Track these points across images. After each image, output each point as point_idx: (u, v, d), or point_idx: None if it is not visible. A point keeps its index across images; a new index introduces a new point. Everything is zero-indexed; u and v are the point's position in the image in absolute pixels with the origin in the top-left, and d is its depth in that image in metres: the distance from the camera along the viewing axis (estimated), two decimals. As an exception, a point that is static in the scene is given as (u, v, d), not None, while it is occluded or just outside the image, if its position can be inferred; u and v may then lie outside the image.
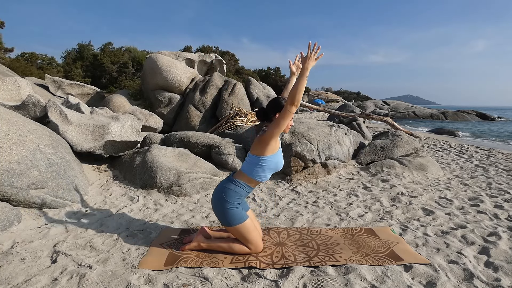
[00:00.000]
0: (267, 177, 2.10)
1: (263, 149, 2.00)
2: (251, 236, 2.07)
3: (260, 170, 2.04)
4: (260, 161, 2.02)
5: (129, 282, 1.75)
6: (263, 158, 2.01)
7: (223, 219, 2.07)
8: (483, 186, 4.03)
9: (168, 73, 9.25)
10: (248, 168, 2.06)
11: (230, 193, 2.05)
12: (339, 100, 44.60)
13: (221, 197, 2.05)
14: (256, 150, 2.03)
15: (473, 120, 25.38)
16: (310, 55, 1.88)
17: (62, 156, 3.23)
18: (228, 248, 2.10)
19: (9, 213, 2.46)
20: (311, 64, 1.89)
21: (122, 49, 17.88)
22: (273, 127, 1.94)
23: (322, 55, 1.92)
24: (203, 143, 4.76)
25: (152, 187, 3.55)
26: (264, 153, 2.00)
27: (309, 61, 1.88)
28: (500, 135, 14.24)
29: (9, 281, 1.74)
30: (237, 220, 2.04)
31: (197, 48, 21.99)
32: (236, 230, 2.06)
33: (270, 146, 2.00)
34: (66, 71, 15.78)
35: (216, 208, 2.10)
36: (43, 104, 4.09)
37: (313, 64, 1.91)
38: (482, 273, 1.88)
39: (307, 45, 1.89)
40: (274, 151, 2.03)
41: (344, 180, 4.27)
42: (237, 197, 2.06)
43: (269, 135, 1.96)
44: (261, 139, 2.00)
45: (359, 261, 1.99)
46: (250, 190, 2.13)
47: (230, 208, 2.04)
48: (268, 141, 1.98)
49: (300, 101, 1.86)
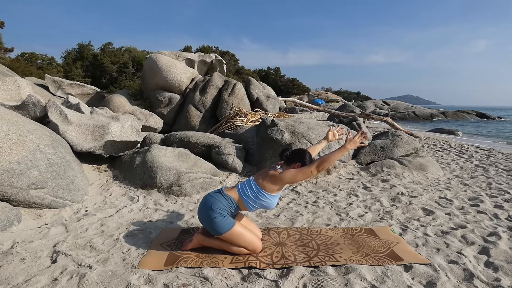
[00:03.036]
0: (254, 210, 2.17)
1: (269, 185, 2.07)
2: (245, 238, 2.06)
3: (254, 199, 2.09)
4: (260, 194, 2.08)
5: (129, 282, 1.75)
6: (263, 192, 2.07)
7: (212, 229, 2.06)
8: (483, 186, 4.03)
9: (168, 73, 9.25)
10: (246, 190, 2.10)
11: (218, 204, 2.06)
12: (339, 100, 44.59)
13: (208, 207, 2.06)
14: (262, 181, 2.08)
15: (473, 120, 25.39)
16: (357, 139, 2.06)
17: (62, 156, 3.23)
18: (227, 249, 2.10)
19: (9, 213, 2.46)
20: (353, 147, 2.07)
21: (122, 49, 17.89)
22: (289, 176, 2.04)
23: (365, 145, 2.05)
24: (203, 143, 4.76)
25: (152, 187, 3.55)
26: (267, 189, 2.07)
27: (353, 144, 2.07)
28: (500, 135, 14.25)
29: (9, 281, 1.74)
30: (225, 227, 2.03)
31: (197, 48, 22.00)
32: (228, 236, 2.05)
33: (276, 187, 2.08)
34: (66, 71, 15.78)
35: (203, 219, 2.10)
36: (43, 104, 4.09)
37: (354, 148, 2.10)
38: (482, 273, 1.88)
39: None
40: (275, 193, 2.11)
41: (344, 180, 4.27)
42: (224, 209, 2.06)
43: (281, 179, 2.05)
44: (272, 177, 2.07)
45: (359, 261, 1.99)
46: (236, 211, 2.15)
47: (217, 217, 2.03)
48: (277, 183, 2.07)
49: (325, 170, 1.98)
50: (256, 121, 6.84)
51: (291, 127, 4.70)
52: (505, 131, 16.53)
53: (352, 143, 2.05)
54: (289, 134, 4.55)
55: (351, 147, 2.06)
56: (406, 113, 26.52)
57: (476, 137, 13.01)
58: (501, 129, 17.85)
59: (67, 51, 18.72)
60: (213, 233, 2.08)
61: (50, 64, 16.95)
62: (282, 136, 4.48)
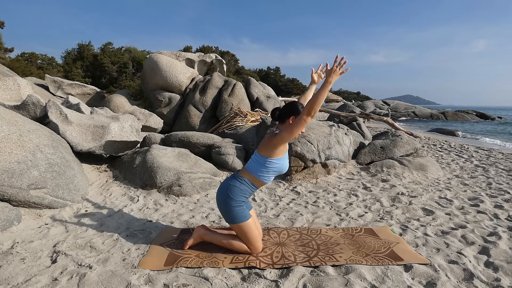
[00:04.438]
0: (271, 179, 2.12)
1: (271, 151, 2.01)
2: (252, 235, 2.08)
3: (264, 171, 2.05)
4: (266, 162, 2.03)
5: (129, 282, 1.75)
6: (270, 160, 2.02)
7: (227, 216, 2.09)
8: (483, 186, 4.03)
9: (168, 73, 9.25)
10: (254, 167, 2.07)
11: (235, 190, 2.06)
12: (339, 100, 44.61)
13: (226, 194, 2.06)
14: (264, 151, 2.04)
15: (473, 120, 25.39)
16: (336, 68, 1.87)
17: (62, 156, 3.23)
18: (228, 244, 2.11)
19: (9, 213, 2.46)
20: (334, 78, 1.87)
21: (122, 49, 17.88)
22: (286, 133, 1.95)
23: (348, 70, 1.90)
24: (203, 143, 4.76)
25: (152, 187, 3.55)
26: (271, 155, 2.02)
27: (334, 75, 1.87)
28: (500, 135, 14.24)
29: (9, 281, 1.74)
30: (240, 218, 2.05)
31: (197, 48, 22.00)
32: (238, 227, 2.07)
33: (279, 149, 2.02)
34: (66, 71, 15.78)
35: (220, 204, 2.11)
36: (43, 104, 4.09)
37: (337, 78, 1.89)
38: (482, 273, 1.88)
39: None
40: (281, 155, 2.05)
41: (344, 180, 4.27)
42: (241, 194, 2.07)
43: (280, 139, 1.98)
44: (271, 141, 2.02)
45: (359, 261, 1.99)
46: (255, 189, 2.14)
47: (235, 205, 2.05)
48: (277, 145, 2.00)
49: (317, 112, 1.85)
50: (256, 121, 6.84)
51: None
52: (505, 131, 16.52)
53: (334, 74, 1.86)
54: (289, 134, 4.55)
55: (333, 79, 1.88)
56: (406, 113, 26.53)
57: (476, 137, 13.01)
58: (501, 129, 17.85)
59: (67, 51, 18.72)
60: (227, 220, 2.10)
61: (50, 64, 16.95)
62: (282, 136, 4.48)
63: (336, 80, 1.89)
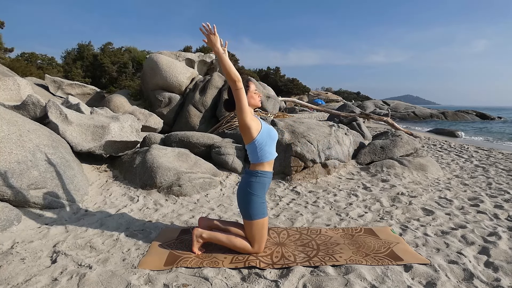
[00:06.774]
0: (272, 151, 2.14)
1: (248, 134, 2.05)
2: (262, 234, 2.08)
3: (262, 151, 2.08)
4: (256, 144, 2.06)
5: (129, 282, 1.75)
6: (255, 140, 2.06)
7: (246, 212, 2.08)
8: (483, 186, 4.03)
9: (168, 73, 9.25)
10: (253, 156, 2.11)
11: (254, 185, 2.07)
12: (339, 100, 44.64)
13: (247, 191, 2.07)
14: (246, 139, 2.09)
15: (473, 120, 25.38)
16: (208, 36, 1.97)
17: (62, 156, 3.23)
18: (228, 242, 2.09)
19: (9, 213, 2.46)
20: (214, 48, 1.96)
21: (122, 49, 17.89)
22: (239, 112, 2.01)
23: (227, 43, 2.03)
24: (203, 143, 4.76)
25: (152, 187, 3.55)
26: (252, 136, 2.05)
27: (209, 42, 1.97)
28: (500, 135, 14.24)
29: (9, 281, 1.74)
30: (260, 214, 2.06)
31: (197, 48, 21.99)
32: (254, 224, 2.06)
33: (252, 127, 2.04)
34: (66, 71, 15.80)
35: (241, 201, 2.12)
36: (43, 104, 4.09)
37: (217, 40, 1.96)
38: (482, 273, 1.88)
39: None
40: (258, 128, 2.08)
41: (344, 180, 4.27)
42: (261, 188, 2.09)
43: (242, 121, 2.02)
44: (241, 129, 2.07)
45: (359, 261, 1.99)
46: (270, 175, 2.15)
47: (257, 201, 2.06)
48: (246, 126, 2.03)
49: (236, 74, 1.93)
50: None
51: (291, 127, 4.70)
52: (505, 131, 16.52)
53: (209, 41, 1.97)
54: (289, 134, 4.55)
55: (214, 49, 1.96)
56: (406, 113, 26.52)
57: (476, 137, 13.00)
58: (501, 129, 17.84)
59: (67, 51, 18.73)
60: (245, 217, 2.10)
61: (50, 64, 16.95)
62: (282, 136, 4.48)
63: (219, 48, 1.96)
